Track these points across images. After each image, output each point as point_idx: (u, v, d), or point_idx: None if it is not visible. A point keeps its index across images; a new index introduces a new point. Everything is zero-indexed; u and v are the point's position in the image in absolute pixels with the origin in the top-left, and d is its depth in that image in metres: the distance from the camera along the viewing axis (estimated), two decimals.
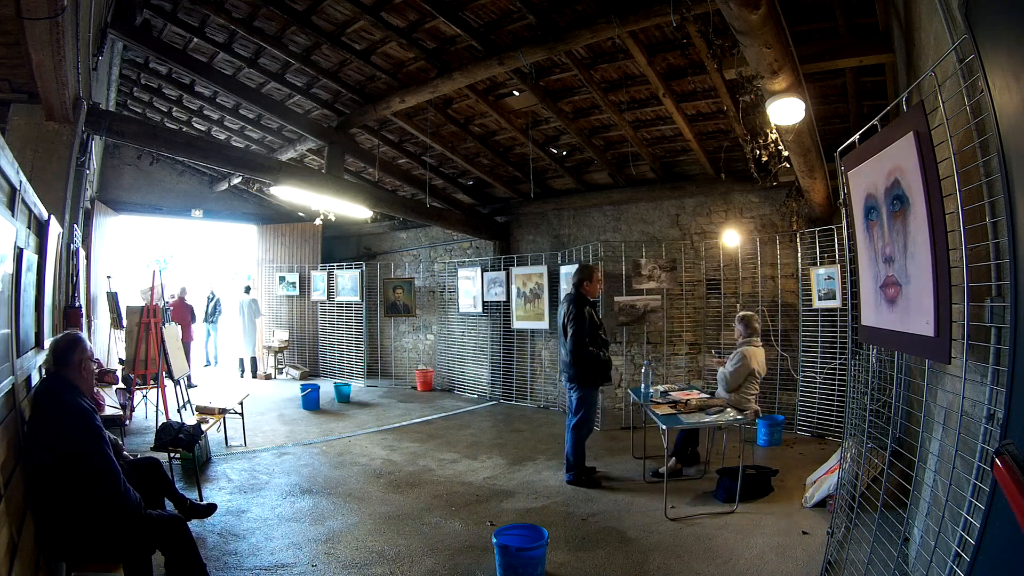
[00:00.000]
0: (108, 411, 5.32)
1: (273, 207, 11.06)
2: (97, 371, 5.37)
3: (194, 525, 3.48)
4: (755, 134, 4.53)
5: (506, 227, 8.95)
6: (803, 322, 6.06)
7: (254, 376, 10.30)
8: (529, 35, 4.70)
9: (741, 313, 4.96)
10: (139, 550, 2.48)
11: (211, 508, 3.48)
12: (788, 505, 4.05)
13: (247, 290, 10.81)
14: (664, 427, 3.96)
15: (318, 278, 10.31)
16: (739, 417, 4.09)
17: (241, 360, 10.49)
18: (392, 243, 10.78)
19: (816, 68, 4.12)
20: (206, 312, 11.42)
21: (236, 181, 9.93)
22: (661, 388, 4.92)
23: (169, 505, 3.15)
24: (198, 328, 10.30)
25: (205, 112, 7.86)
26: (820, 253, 5.81)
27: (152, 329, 6.02)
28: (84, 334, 3.04)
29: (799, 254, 6.12)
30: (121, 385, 6.24)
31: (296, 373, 10.15)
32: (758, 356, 4.65)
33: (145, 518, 2.50)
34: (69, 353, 2.49)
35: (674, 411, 4.20)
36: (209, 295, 11.61)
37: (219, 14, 5.09)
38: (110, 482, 2.38)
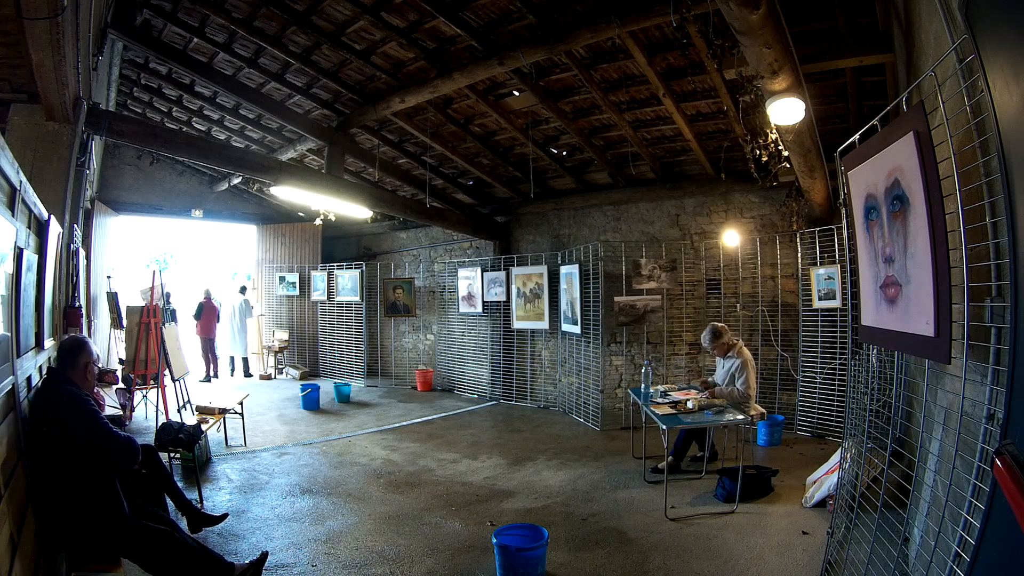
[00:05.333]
0: (108, 411, 5.32)
1: (273, 207, 11.06)
2: (97, 371, 5.38)
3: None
4: (755, 134, 4.52)
5: (506, 227, 8.95)
6: (803, 322, 6.06)
7: (246, 376, 10.30)
8: (529, 35, 4.70)
9: (711, 326, 4.85)
10: (139, 548, 2.48)
11: (224, 517, 3.31)
12: (788, 505, 4.05)
13: (242, 290, 10.83)
14: (664, 427, 3.96)
15: (318, 278, 10.31)
16: (740, 417, 4.09)
17: (232, 359, 10.52)
18: (392, 243, 10.78)
19: (816, 68, 4.13)
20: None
21: (236, 181, 9.93)
22: (661, 388, 4.92)
23: (170, 505, 3.08)
24: (220, 327, 10.38)
25: (205, 112, 7.86)
26: (820, 253, 5.81)
27: (152, 329, 6.02)
28: (84, 334, 3.04)
29: (799, 254, 6.12)
30: (121, 385, 6.25)
31: (296, 373, 10.15)
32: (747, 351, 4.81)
33: (138, 529, 2.44)
34: (75, 355, 2.51)
35: (674, 411, 4.20)
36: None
37: (219, 14, 5.09)
38: (123, 450, 2.39)
